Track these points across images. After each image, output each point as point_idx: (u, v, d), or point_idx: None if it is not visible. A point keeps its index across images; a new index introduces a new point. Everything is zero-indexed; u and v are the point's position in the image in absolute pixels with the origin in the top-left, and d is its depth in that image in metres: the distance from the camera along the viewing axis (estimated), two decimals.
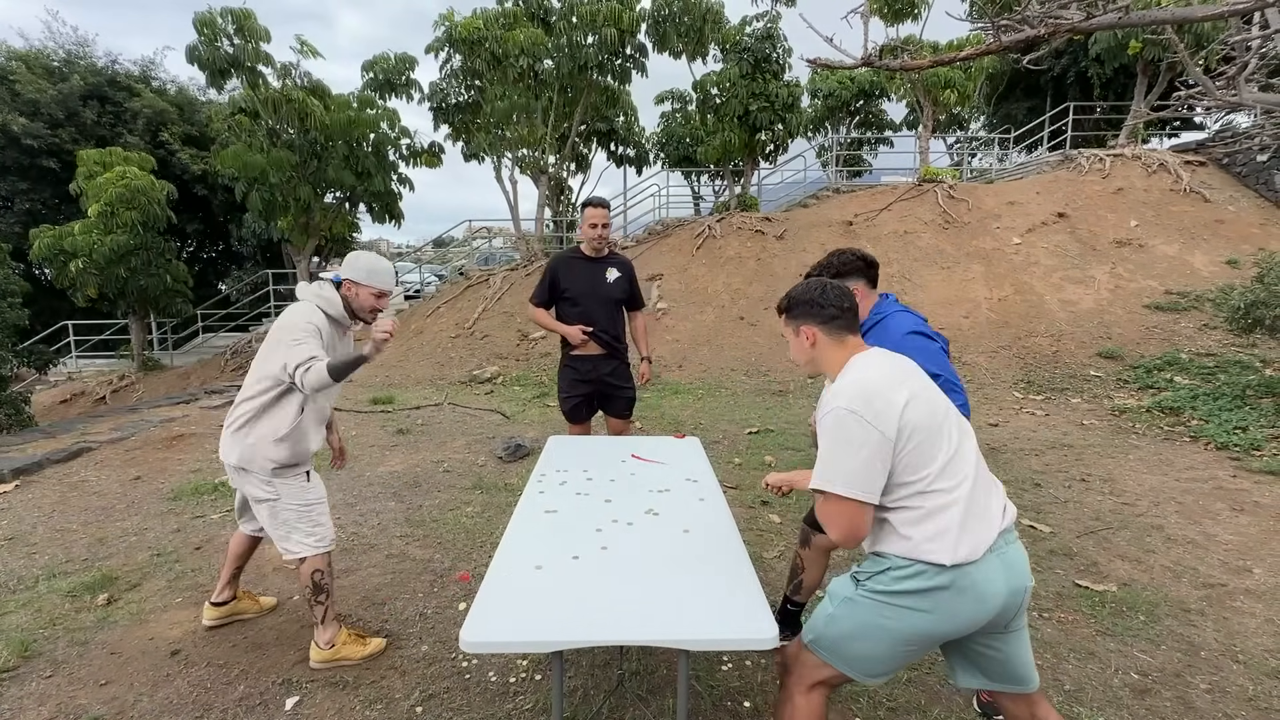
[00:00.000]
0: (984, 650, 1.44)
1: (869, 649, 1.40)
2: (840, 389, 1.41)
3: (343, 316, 2.27)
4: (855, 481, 1.33)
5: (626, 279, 3.34)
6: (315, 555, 2.26)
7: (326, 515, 2.33)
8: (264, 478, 2.21)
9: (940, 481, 1.36)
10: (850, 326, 1.54)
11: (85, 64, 15.78)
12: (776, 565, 3.06)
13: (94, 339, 13.32)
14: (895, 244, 10.08)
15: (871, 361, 1.46)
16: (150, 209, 10.86)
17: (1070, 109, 13.52)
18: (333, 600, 2.32)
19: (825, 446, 1.38)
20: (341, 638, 2.32)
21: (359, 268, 2.26)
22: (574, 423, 3.40)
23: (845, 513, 1.34)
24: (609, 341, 3.29)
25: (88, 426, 5.98)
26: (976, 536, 1.35)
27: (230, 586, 2.55)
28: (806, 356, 1.58)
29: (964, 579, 1.32)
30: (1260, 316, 5.31)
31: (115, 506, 3.97)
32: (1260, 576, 2.92)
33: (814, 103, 16.73)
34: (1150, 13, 2.71)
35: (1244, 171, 10.38)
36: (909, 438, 1.35)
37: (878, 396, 1.36)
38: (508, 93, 10.78)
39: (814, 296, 1.55)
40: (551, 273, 3.31)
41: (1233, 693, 2.14)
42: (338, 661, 2.28)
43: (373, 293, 2.28)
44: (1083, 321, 7.98)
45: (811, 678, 1.46)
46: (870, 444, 1.33)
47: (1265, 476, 4.19)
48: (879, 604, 1.38)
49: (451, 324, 10.09)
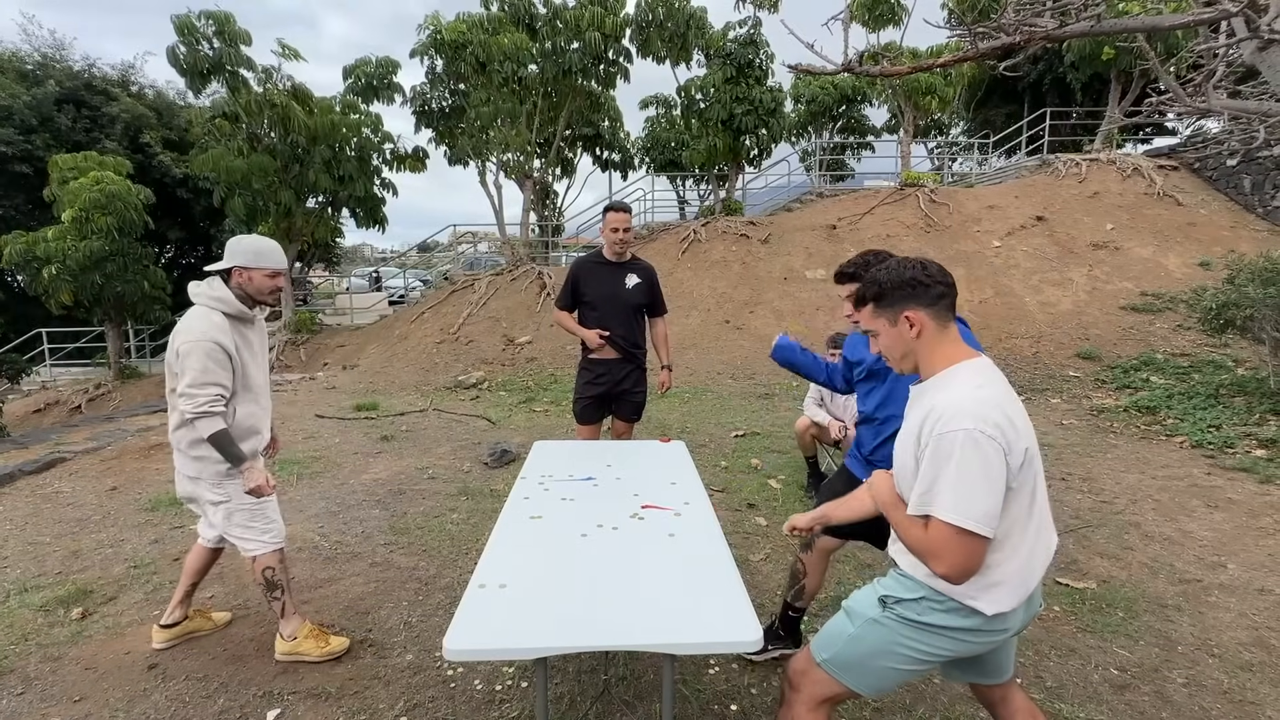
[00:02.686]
0: (986, 653, 1.43)
1: (887, 670, 1.36)
2: (962, 403, 1.22)
3: (242, 311, 2.19)
4: (990, 517, 1.18)
5: (646, 285, 3.35)
6: (267, 553, 2.27)
7: (277, 512, 2.33)
8: (214, 482, 2.20)
9: (1016, 533, 1.25)
10: (954, 308, 1.36)
11: (61, 68, 15.50)
12: (763, 568, 3.07)
13: (69, 346, 13.06)
14: (878, 247, 10.12)
15: (991, 375, 1.30)
16: (127, 214, 10.67)
17: (1047, 114, 13.78)
18: (290, 594, 2.33)
19: (954, 472, 1.19)
20: (303, 631, 2.32)
21: (244, 251, 2.18)
22: (582, 423, 3.41)
23: (967, 549, 1.19)
24: (626, 347, 3.31)
25: (62, 436, 5.85)
26: (1026, 588, 1.28)
27: (182, 606, 2.47)
28: (904, 350, 1.36)
29: (998, 623, 1.29)
30: (1231, 317, 5.44)
31: (91, 518, 3.88)
32: (1234, 571, 2.98)
33: (797, 108, 16.90)
34: (1121, 21, 2.78)
35: (1215, 176, 10.65)
36: (1016, 475, 1.22)
37: (1009, 425, 1.21)
38: (492, 98, 10.77)
39: (916, 275, 1.33)
40: (573, 278, 3.36)
41: (1208, 686, 2.19)
42: (298, 655, 2.29)
43: (266, 274, 2.20)
44: (1061, 323, 8.12)
45: (820, 695, 1.40)
46: (1002, 476, 1.19)
47: (1238, 473, 4.28)
48: (905, 627, 1.33)
49: (436, 329, 10.03)
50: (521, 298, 10.53)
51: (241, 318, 2.20)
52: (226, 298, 2.16)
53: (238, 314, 2.18)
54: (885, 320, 1.37)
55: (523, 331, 9.72)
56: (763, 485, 4.23)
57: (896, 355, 1.39)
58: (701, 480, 2.35)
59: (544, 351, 9.16)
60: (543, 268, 11.38)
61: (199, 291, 2.18)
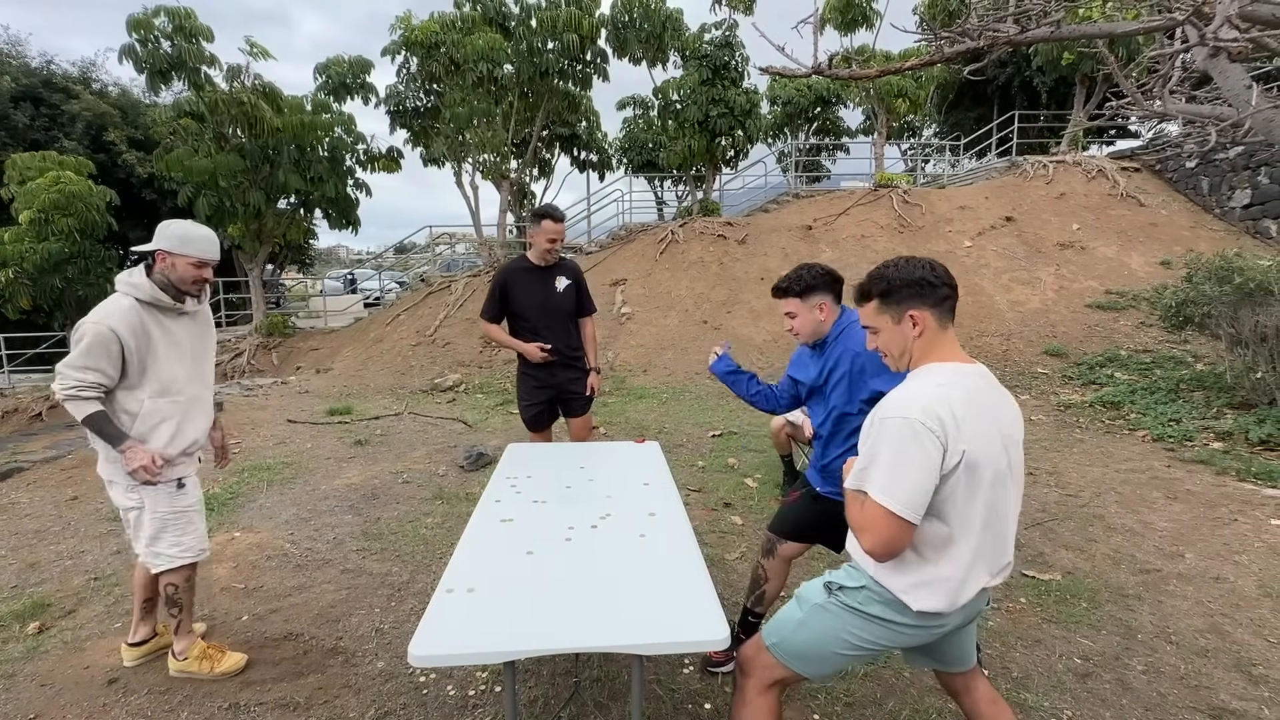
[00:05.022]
0: (937, 643, 1.48)
1: (830, 655, 1.41)
2: (917, 394, 1.26)
3: (157, 298, 2.05)
4: (914, 503, 1.22)
5: (575, 285, 3.31)
6: (172, 568, 2.14)
7: (198, 525, 2.20)
8: (126, 485, 2.07)
9: (956, 541, 1.28)
10: (954, 311, 1.37)
11: (18, 64, 15.01)
12: (739, 567, 3.09)
13: (29, 352, 12.62)
14: (853, 247, 10.32)
15: (964, 380, 1.31)
16: (88, 215, 10.36)
17: (1015, 117, 14.10)
18: (187, 613, 2.24)
19: (888, 454, 1.24)
20: (195, 651, 2.23)
21: (170, 235, 2.04)
22: (535, 430, 3.37)
23: (891, 529, 1.23)
24: (565, 352, 3.28)
25: (20, 445, 5.66)
26: (956, 598, 1.30)
27: (146, 622, 2.37)
28: (903, 347, 1.38)
29: (931, 620, 1.34)
30: (1190, 314, 5.61)
31: (49, 529, 3.76)
32: (1191, 561, 3.08)
33: (773, 109, 17.05)
34: (1080, 27, 2.86)
35: (1175, 177, 10.98)
36: (951, 474, 1.24)
37: (954, 423, 1.23)
38: (467, 98, 10.68)
39: (924, 275, 1.34)
40: (501, 286, 3.22)
41: (1166, 672, 2.25)
42: (189, 674, 2.22)
43: (190, 262, 2.06)
44: (1030, 321, 8.30)
45: (769, 679, 1.47)
46: (934, 468, 1.22)
47: (1196, 465, 4.43)
48: (848, 614, 1.38)
49: (412, 331, 9.91)
50: None
51: (158, 305, 2.06)
52: (140, 283, 2.04)
53: (152, 300, 2.04)
54: (889, 317, 1.38)
55: None
56: (739, 484, 4.26)
57: (896, 352, 1.40)
58: (678, 480, 2.36)
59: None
60: None
61: (121, 279, 2.07)
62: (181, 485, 2.15)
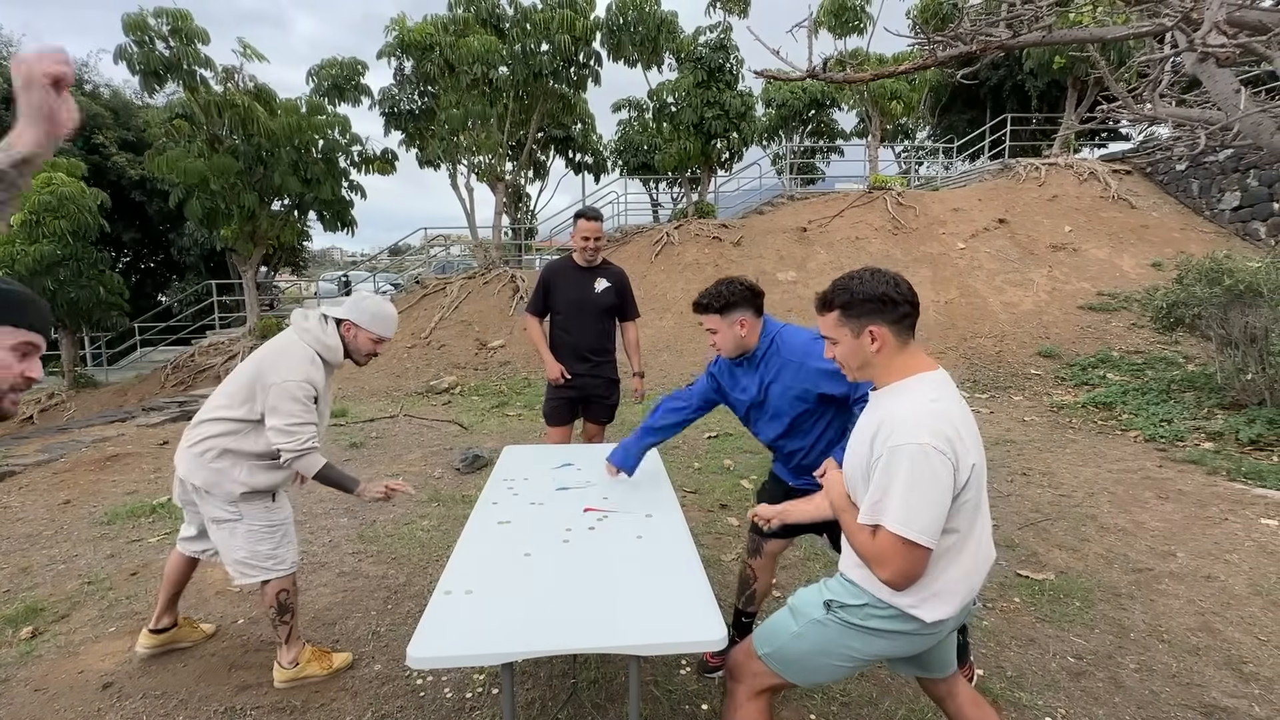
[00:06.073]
0: (924, 650, 1.48)
1: (826, 666, 1.41)
2: (917, 416, 1.25)
3: (339, 360, 2.24)
4: (932, 528, 1.22)
5: (616, 290, 3.34)
6: (277, 577, 2.18)
7: (292, 536, 2.25)
8: (225, 499, 2.12)
9: (958, 545, 1.30)
10: (914, 328, 1.37)
11: (7, 66, 14.91)
12: (734, 568, 3.09)
13: None
14: (848, 249, 10.37)
15: (945, 389, 1.33)
16: (80, 217, 10.29)
17: (1008, 120, 14.19)
18: (297, 619, 2.25)
19: (903, 484, 1.22)
20: (305, 655, 2.25)
21: (364, 310, 2.22)
22: (552, 425, 3.40)
23: (910, 558, 1.23)
24: (590, 356, 3.30)
25: (12, 449, 5.62)
26: (964, 597, 1.34)
27: (169, 612, 2.41)
28: (861, 361, 1.38)
29: (937, 627, 1.35)
30: (1181, 316, 5.67)
31: (42, 533, 3.74)
32: (1183, 560, 3.11)
33: (767, 112, 17.10)
34: (1071, 32, 2.89)
35: (1166, 180, 11.08)
36: (964, 490, 1.26)
37: (959, 439, 1.24)
38: (462, 100, 10.68)
39: (886, 291, 1.33)
40: (545, 282, 3.35)
41: (1158, 671, 2.28)
42: (302, 679, 2.22)
43: (372, 338, 2.25)
44: (1023, 322, 8.36)
45: (760, 685, 1.47)
46: (949, 490, 1.23)
47: (1187, 465, 4.47)
48: (848, 630, 1.38)
49: (408, 333, 9.88)
50: (494, 301, 10.45)
51: (334, 365, 2.25)
52: (335, 347, 2.20)
53: (332, 360, 2.22)
54: (848, 330, 1.38)
55: (495, 335, 9.65)
56: (735, 486, 4.27)
57: (854, 365, 1.41)
58: (674, 482, 2.37)
59: (517, 355, 9.10)
60: (515, 271, 11.31)
61: (307, 328, 2.18)
62: (275, 498, 2.21)
